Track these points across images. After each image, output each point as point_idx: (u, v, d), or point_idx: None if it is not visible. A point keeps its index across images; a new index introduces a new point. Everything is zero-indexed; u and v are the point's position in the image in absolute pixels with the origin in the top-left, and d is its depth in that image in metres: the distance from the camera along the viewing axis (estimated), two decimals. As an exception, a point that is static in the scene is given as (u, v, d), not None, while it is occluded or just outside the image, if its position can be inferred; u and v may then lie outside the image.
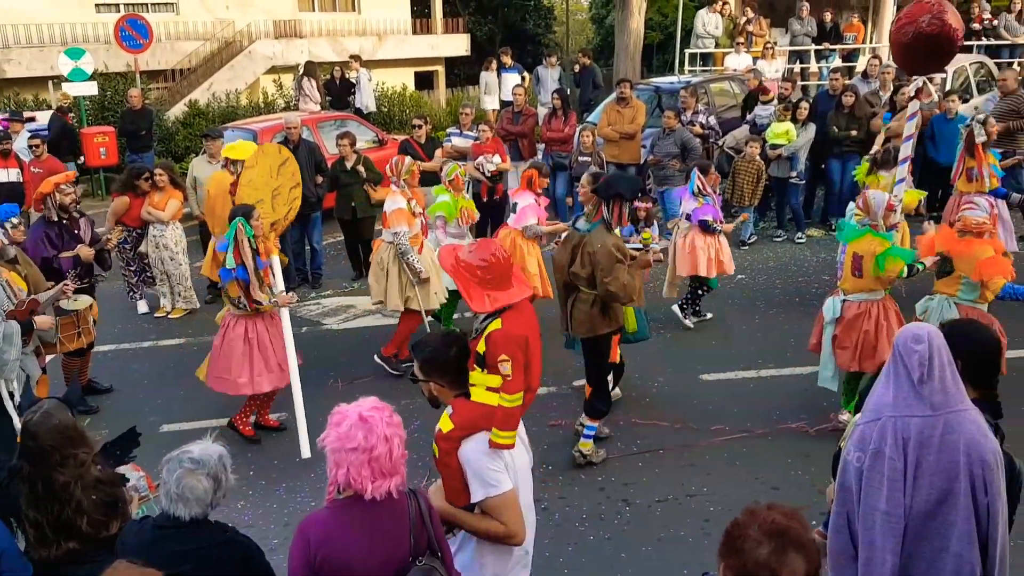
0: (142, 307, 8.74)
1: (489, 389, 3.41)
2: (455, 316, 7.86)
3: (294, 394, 5.84)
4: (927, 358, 2.74)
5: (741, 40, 15.27)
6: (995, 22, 15.25)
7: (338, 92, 15.16)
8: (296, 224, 8.84)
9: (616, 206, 5.30)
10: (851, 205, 6.77)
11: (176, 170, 8.91)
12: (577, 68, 14.80)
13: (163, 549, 2.66)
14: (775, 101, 10.83)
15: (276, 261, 5.98)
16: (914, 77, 6.56)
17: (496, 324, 3.52)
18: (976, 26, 15.37)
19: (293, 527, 2.86)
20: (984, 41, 15.13)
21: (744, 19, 16.58)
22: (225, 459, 2.76)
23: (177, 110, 16.52)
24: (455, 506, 3.23)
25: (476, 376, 3.45)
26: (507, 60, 15.17)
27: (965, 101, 11.37)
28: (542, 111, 12.46)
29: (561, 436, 5.96)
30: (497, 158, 9.40)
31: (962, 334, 3.05)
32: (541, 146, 11.33)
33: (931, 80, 10.31)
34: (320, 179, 9.17)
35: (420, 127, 9.81)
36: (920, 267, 5.58)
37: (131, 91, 12.89)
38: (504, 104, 13.78)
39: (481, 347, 3.48)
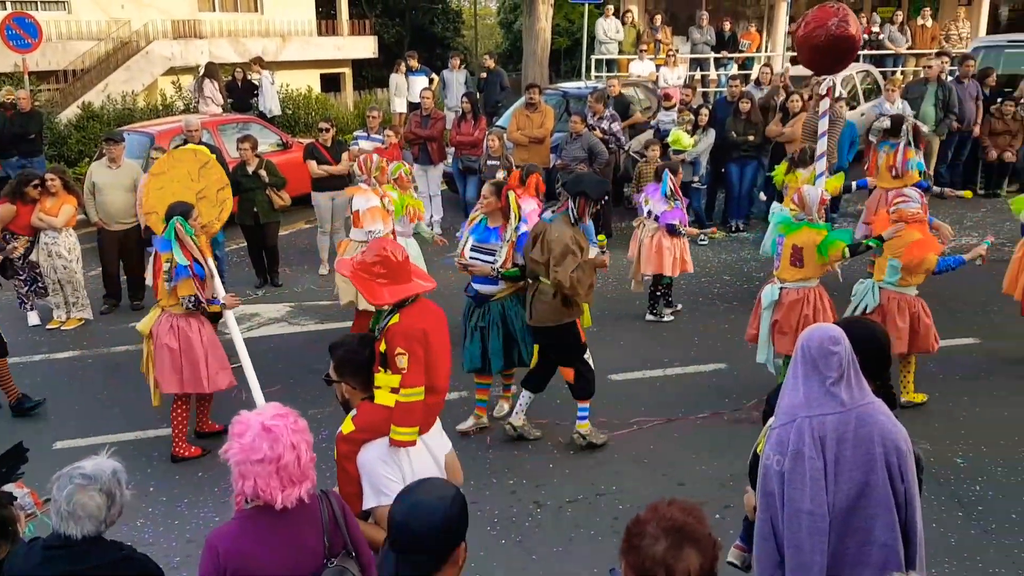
0: (33, 319, 8.31)
1: (392, 391, 3.40)
2: None
3: (254, 393, 5.46)
4: (844, 359, 2.81)
5: (645, 47, 15.63)
6: (880, 34, 16.07)
7: (240, 94, 14.78)
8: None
9: (581, 202, 5.51)
10: (776, 205, 7.06)
11: (69, 175, 8.54)
12: (483, 73, 14.85)
13: (54, 570, 2.53)
14: (677, 107, 11.15)
15: (211, 263, 5.87)
16: (822, 77, 6.98)
17: (395, 319, 3.53)
18: (864, 36, 16.16)
19: (196, 544, 2.79)
20: (870, 51, 15.92)
21: (648, 27, 16.99)
22: (120, 474, 2.65)
23: (70, 112, 15.77)
24: None
25: (380, 378, 3.44)
26: (414, 63, 15.10)
27: (852, 108, 11.95)
28: (449, 115, 12.45)
29: (471, 439, 5.97)
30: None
31: (858, 331, 3.11)
32: (451, 150, 11.32)
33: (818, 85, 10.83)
34: (222, 184, 8.90)
35: (326, 130, 9.67)
36: (872, 244, 6.00)
37: (19, 92, 12.24)
38: (413, 107, 13.71)
39: (383, 346, 3.48)
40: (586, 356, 5.79)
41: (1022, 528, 4.82)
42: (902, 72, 15.39)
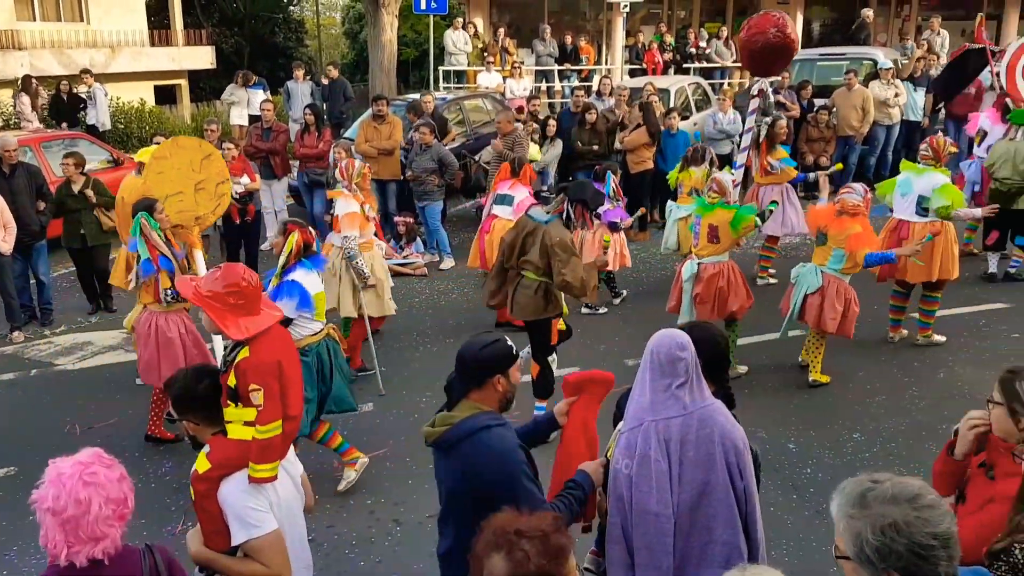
0: None
1: (246, 424, 3.26)
2: None
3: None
4: (690, 363, 2.91)
5: (491, 59, 15.86)
6: (708, 48, 17.04)
7: (67, 109, 13.84)
8: (17, 256, 8.00)
9: (579, 208, 5.77)
10: (671, 203, 8.67)
11: None
12: (326, 82, 14.59)
13: None
14: (526, 118, 11.37)
15: (200, 256, 5.86)
16: (757, 79, 7.71)
17: (244, 353, 3.36)
18: (692, 50, 17.09)
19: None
20: (700, 64, 16.86)
21: (493, 39, 17.27)
22: None
23: None
24: (215, 551, 3.05)
25: (231, 412, 3.28)
26: (252, 78, 14.63)
27: (685, 118, 12.59)
28: (294, 127, 12.15)
29: (328, 459, 5.82)
30: (245, 178, 9.04)
31: (699, 333, 3.19)
32: (295, 163, 11.03)
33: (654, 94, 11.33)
34: (42, 205, 8.24)
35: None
36: (771, 207, 7.19)
37: None
38: (254, 120, 13.27)
39: (232, 380, 3.32)
40: (551, 358, 6.02)
41: (848, 506, 5.19)
42: (729, 84, 16.36)
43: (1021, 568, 2.25)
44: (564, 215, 5.76)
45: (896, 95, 12.39)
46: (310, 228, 5.51)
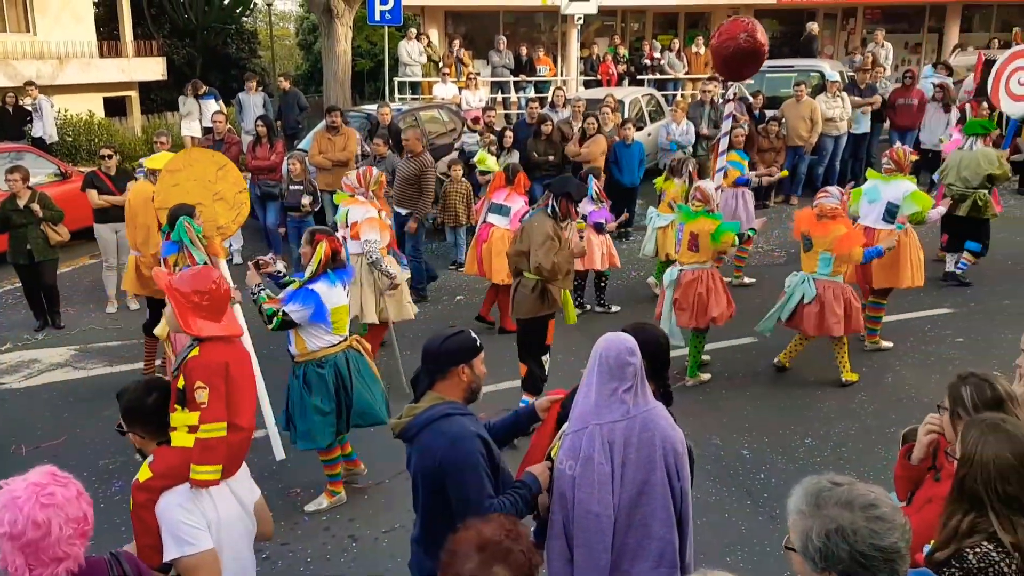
0: None
1: (191, 430, 3.23)
2: None
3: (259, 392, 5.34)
4: (638, 368, 2.98)
5: (447, 71, 15.89)
6: (661, 59, 17.25)
7: (12, 121, 13.51)
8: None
9: (563, 202, 6.02)
10: (651, 210, 8.86)
11: None
12: (280, 93, 14.47)
13: None
14: (482, 128, 11.40)
15: (224, 264, 5.87)
16: (730, 83, 8.00)
17: (194, 352, 3.38)
18: (647, 61, 17.31)
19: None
20: (653, 76, 17.07)
21: (448, 50, 17.30)
22: None
23: None
24: (149, 567, 3.00)
25: (177, 417, 3.26)
26: (201, 87, 14.43)
27: (640, 129, 12.74)
28: (246, 138, 12.02)
29: (281, 478, 5.75)
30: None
31: (640, 335, 3.21)
32: (247, 175, 10.90)
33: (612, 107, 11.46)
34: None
35: (109, 157, 9.01)
36: (751, 233, 7.38)
37: None
38: (206, 132, 13.10)
39: (180, 382, 3.31)
40: (544, 358, 6.18)
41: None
42: (682, 95, 16.60)
43: (975, 572, 2.29)
44: (549, 208, 6.01)
45: (842, 107, 12.67)
46: (337, 235, 5.47)
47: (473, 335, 3.17)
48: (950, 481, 2.68)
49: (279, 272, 5.37)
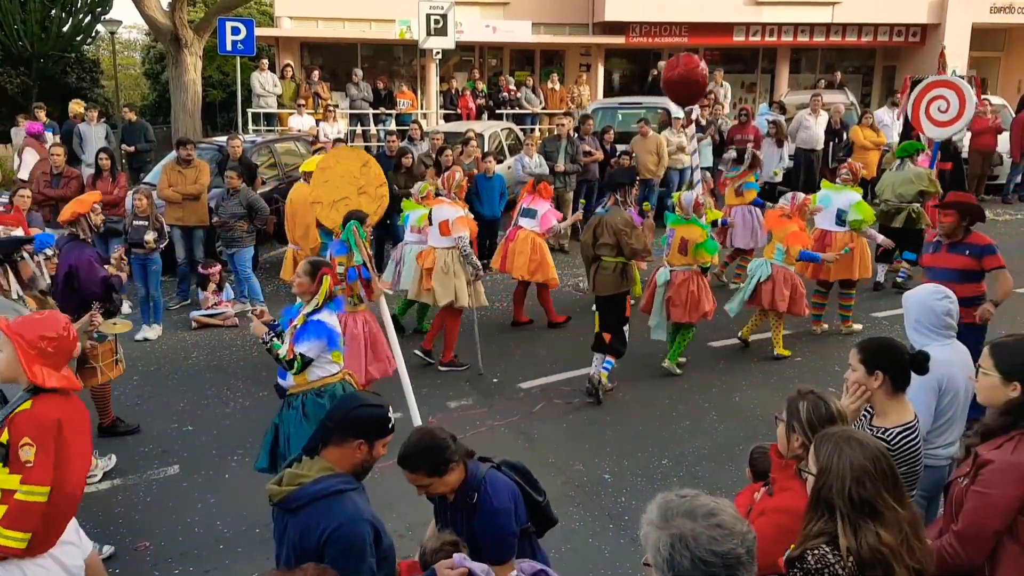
0: None
1: (5, 493, 2.95)
2: None
3: (402, 379, 6.10)
4: None
5: (303, 102, 15.63)
6: (518, 94, 17.69)
7: None
8: None
9: (621, 191, 7.18)
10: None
11: None
12: (124, 125, 13.79)
13: None
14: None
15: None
16: (687, 107, 9.44)
17: (26, 405, 3.09)
18: (505, 95, 17.69)
19: None
20: (510, 110, 17.47)
21: (306, 82, 17.05)
22: None
23: None
24: None
25: None
26: (42, 117, 13.57)
27: (500, 162, 12.96)
28: (86, 171, 11.36)
29: (202, 495, 5.40)
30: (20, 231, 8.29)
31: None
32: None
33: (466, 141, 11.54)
34: None
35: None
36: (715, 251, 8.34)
37: None
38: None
39: (4, 436, 3.03)
40: (625, 328, 7.13)
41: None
42: (539, 129, 17.05)
43: (813, 572, 2.41)
44: (616, 203, 7.08)
45: (686, 142, 13.37)
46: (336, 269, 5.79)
47: (389, 415, 2.91)
48: (783, 495, 2.83)
49: (273, 321, 5.17)
